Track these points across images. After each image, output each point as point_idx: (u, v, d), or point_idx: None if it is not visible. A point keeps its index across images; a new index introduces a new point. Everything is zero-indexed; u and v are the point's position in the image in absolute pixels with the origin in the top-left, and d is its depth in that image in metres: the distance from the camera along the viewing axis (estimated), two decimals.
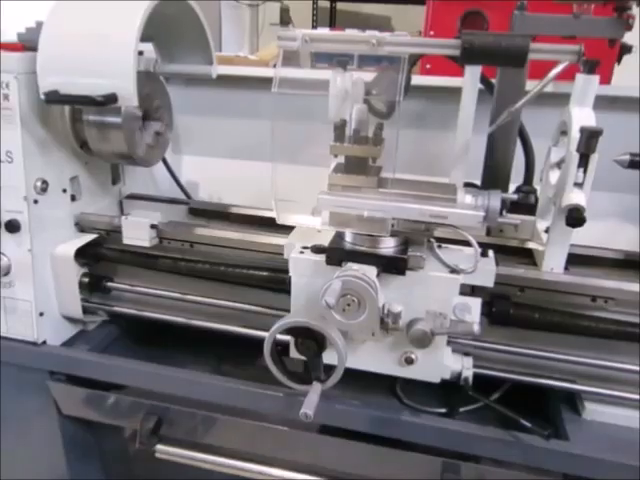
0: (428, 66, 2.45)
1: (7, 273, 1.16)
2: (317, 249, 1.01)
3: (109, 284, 1.28)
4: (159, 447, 1.13)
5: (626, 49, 2.16)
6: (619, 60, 2.16)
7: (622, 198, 1.41)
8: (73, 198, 1.26)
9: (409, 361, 1.02)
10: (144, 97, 1.20)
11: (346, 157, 0.97)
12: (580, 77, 0.96)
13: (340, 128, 0.95)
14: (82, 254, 1.24)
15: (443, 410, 1.18)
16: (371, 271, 0.93)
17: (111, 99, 1.00)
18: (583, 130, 0.89)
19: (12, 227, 1.12)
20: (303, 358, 0.99)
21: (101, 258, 1.27)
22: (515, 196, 0.94)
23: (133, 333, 1.40)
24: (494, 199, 0.93)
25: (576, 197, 0.91)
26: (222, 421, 1.16)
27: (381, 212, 0.91)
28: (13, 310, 1.19)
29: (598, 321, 1.02)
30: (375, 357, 1.03)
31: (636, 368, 1.02)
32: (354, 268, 0.91)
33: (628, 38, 2.12)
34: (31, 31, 1.16)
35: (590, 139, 0.88)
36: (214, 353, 1.34)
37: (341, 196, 0.94)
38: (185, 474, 1.32)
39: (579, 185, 0.93)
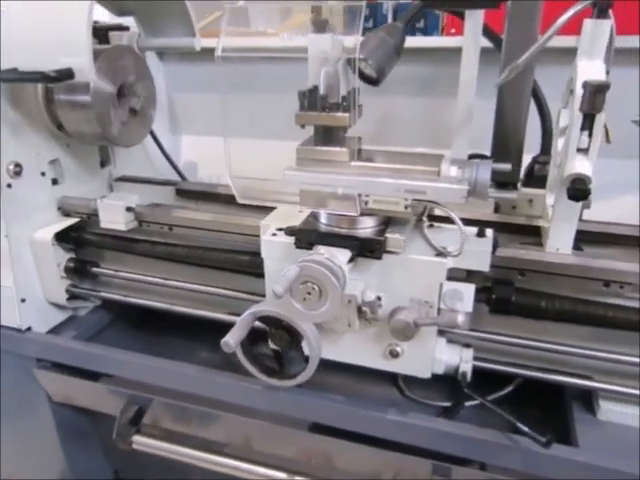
0: (453, 30, 2.27)
1: None
2: (291, 231, 0.92)
3: (94, 269, 1.24)
4: (136, 438, 1.08)
5: None
6: None
7: None
8: (55, 182, 1.22)
9: (394, 354, 0.92)
10: (117, 72, 1.14)
11: (315, 127, 0.86)
12: (588, 23, 0.81)
13: (305, 95, 0.84)
14: (65, 239, 1.20)
15: (447, 404, 1.08)
16: (343, 255, 0.83)
17: (66, 74, 0.93)
18: (586, 85, 0.74)
19: None
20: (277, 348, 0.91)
21: (83, 243, 1.22)
22: (508, 166, 0.81)
23: (128, 317, 1.36)
24: (483, 171, 0.80)
25: (580, 165, 0.77)
26: (205, 414, 1.10)
27: (348, 188, 0.80)
28: None
29: (615, 310, 0.88)
30: (357, 349, 0.94)
31: None
32: (320, 252, 0.81)
33: None
34: None
35: (595, 95, 0.74)
36: (210, 338, 1.28)
37: (307, 171, 0.84)
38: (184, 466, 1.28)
39: (584, 151, 0.78)
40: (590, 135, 0.78)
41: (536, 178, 1.14)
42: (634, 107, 1.24)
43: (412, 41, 1.40)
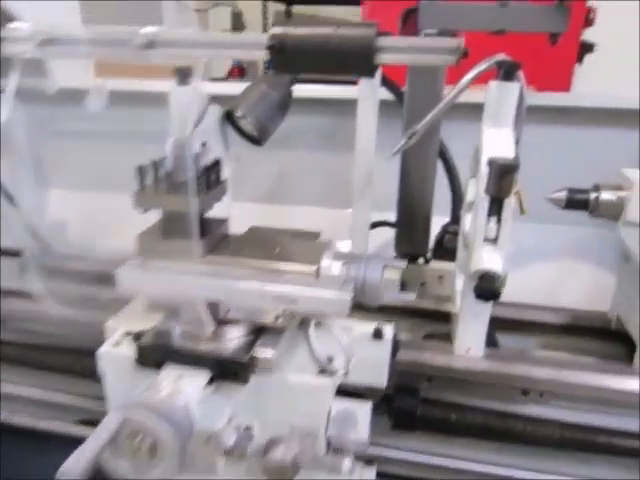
0: None
1: None
2: (137, 340, 0.70)
3: None
4: None
5: (587, 48, 1.88)
6: (580, 60, 1.88)
7: (581, 232, 1.11)
8: None
9: None
10: None
11: (163, 211, 0.67)
12: (493, 85, 0.67)
13: (146, 170, 0.65)
14: None
15: None
16: (197, 381, 0.63)
17: None
18: (492, 163, 0.60)
19: None
20: None
21: None
22: (403, 264, 0.64)
23: None
24: (373, 268, 0.63)
25: (488, 259, 0.62)
26: None
27: (197, 294, 0.61)
28: None
29: (535, 425, 0.73)
30: None
31: None
32: (160, 386, 0.60)
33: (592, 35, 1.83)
34: None
35: (502, 177, 0.59)
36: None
37: (147, 270, 0.64)
38: None
39: (492, 241, 0.63)
40: (499, 221, 0.63)
41: (446, 249, 1.00)
42: (553, 167, 1.14)
43: (311, 90, 1.24)
